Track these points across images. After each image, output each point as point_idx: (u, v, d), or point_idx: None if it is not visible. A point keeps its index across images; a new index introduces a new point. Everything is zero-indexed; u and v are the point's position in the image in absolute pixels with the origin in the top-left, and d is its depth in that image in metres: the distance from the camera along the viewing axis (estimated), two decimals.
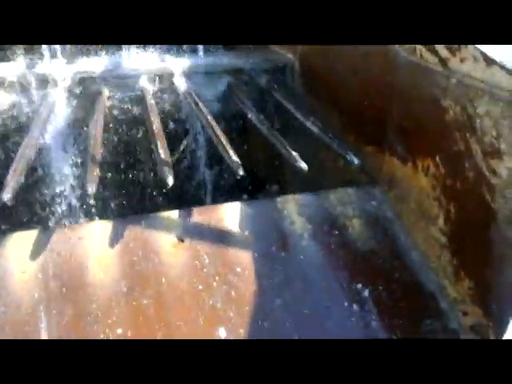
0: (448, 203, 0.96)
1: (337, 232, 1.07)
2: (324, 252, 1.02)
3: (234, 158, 1.02)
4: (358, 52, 1.23)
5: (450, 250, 0.97)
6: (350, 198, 1.14)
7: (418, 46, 1.00)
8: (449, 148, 0.94)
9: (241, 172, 0.97)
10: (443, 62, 0.94)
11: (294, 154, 1.06)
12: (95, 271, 0.93)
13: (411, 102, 1.04)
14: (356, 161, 1.09)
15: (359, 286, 0.97)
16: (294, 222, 1.07)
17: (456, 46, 0.92)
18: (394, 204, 1.10)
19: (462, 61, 0.90)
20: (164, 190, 1.05)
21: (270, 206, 1.09)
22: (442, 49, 0.95)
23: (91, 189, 0.90)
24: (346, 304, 0.95)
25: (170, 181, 0.95)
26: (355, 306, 0.95)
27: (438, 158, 0.98)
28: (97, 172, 0.96)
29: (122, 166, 1.57)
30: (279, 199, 1.11)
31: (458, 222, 0.94)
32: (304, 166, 1.01)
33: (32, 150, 1.02)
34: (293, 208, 1.09)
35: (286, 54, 1.67)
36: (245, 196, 1.63)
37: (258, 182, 1.68)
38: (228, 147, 1.07)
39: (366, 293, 0.96)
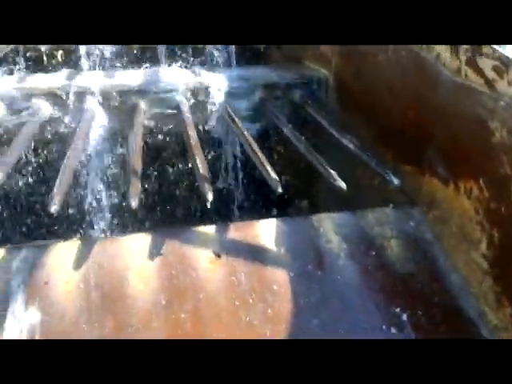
0: (491, 228, 0.94)
1: (374, 253, 1.05)
2: (361, 273, 1.01)
3: (273, 175, 1.02)
4: (397, 69, 1.23)
5: (492, 276, 0.95)
6: (387, 218, 1.12)
7: (463, 67, 0.99)
8: (494, 171, 0.92)
9: (280, 190, 0.97)
10: (490, 83, 0.93)
11: (332, 172, 1.05)
12: (135, 283, 0.94)
13: (454, 122, 1.03)
14: (396, 181, 1.08)
15: (397, 309, 0.95)
16: (331, 241, 1.06)
17: (503, 67, 0.91)
18: (433, 226, 1.08)
19: (510, 83, 0.89)
20: (202, 205, 1.06)
21: (305, 223, 1.09)
22: (488, 70, 0.94)
23: (134, 203, 0.91)
24: (383, 327, 0.93)
25: (210, 196, 0.96)
26: (393, 330, 0.93)
27: (481, 181, 0.96)
28: (138, 186, 0.98)
29: (160, 180, 1.60)
30: (315, 217, 1.10)
31: (502, 248, 0.92)
32: (343, 185, 1.01)
33: (76, 161, 1.05)
34: (329, 226, 1.09)
35: (320, 69, 1.68)
36: (277, 211, 1.63)
37: (292, 199, 1.68)
38: (266, 164, 1.07)
39: (405, 316, 0.94)
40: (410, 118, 1.18)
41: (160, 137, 1.48)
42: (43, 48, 1.54)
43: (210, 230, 1.06)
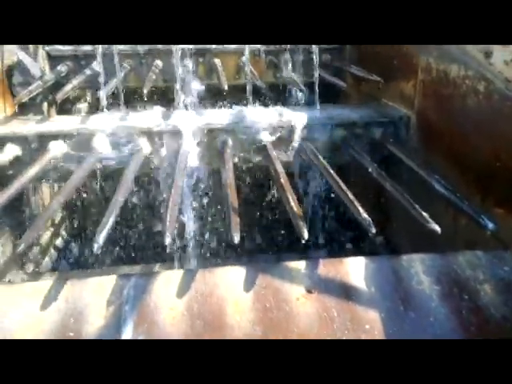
0: None
1: (467, 296, 1.04)
2: (455, 316, 1.00)
3: (365, 215, 1.05)
4: (487, 110, 1.23)
5: None
6: (479, 261, 1.11)
7: None
8: None
9: (373, 230, 1.00)
10: None
11: (425, 214, 1.07)
12: (232, 314, 1.00)
13: None
14: (490, 225, 1.07)
15: None
16: (422, 282, 1.06)
17: None
18: None
19: None
20: (291, 238, 1.11)
21: (396, 263, 1.10)
22: None
23: (236, 238, 0.98)
24: None
25: (306, 234, 1.01)
26: None
27: None
28: (238, 221, 1.05)
29: (252, 215, 1.68)
30: (405, 257, 1.11)
31: None
32: (436, 228, 1.02)
33: (179, 197, 1.15)
34: (420, 267, 1.09)
35: (401, 108, 1.71)
36: (357, 246, 1.64)
37: (381, 239, 1.69)
38: (356, 203, 1.11)
39: None
40: (503, 160, 1.17)
41: (248, 173, 1.57)
42: (145, 90, 1.69)
43: (300, 265, 1.11)
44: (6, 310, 0.99)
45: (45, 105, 1.94)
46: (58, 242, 1.88)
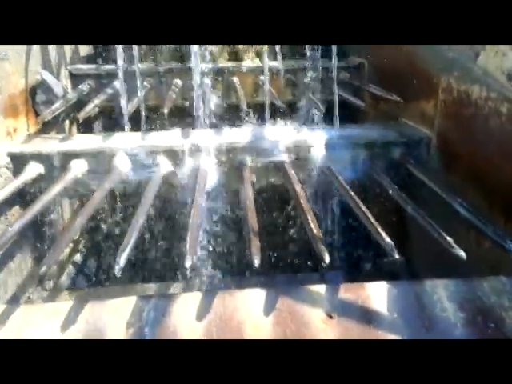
0: None
1: (492, 324, 1.01)
2: None
3: (387, 239, 1.04)
4: (508, 128, 1.21)
5: None
6: (504, 287, 1.08)
7: None
8: None
9: (396, 255, 0.98)
10: None
11: (449, 238, 1.05)
12: (252, 337, 0.99)
13: None
14: None
15: None
16: (446, 309, 1.04)
17: None
18: None
19: None
20: (312, 261, 1.10)
21: (419, 288, 1.08)
22: None
23: (257, 261, 0.97)
24: None
25: (327, 258, 1.00)
26: None
27: None
28: (258, 244, 1.05)
29: (271, 236, 1.68)
30: (428, 282, 1.09)
31: None
32: (462, 253, 1.00)
33: (200, 218, 1.15)
34: (443, 293, 1.07)
35: (420, 128, 1.69)
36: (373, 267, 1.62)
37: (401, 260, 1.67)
38: (378, 226, 1.10)
39: None
40: None
41: (267, 193, 1.57)
42: (166, 110, 1.72)
43: (320, 289, 1.09)
44: (27, 331, 0.99)
45: (67, 123, 1.99)
46: (77, 257, 1.90)
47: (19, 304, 1.33)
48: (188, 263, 0.93)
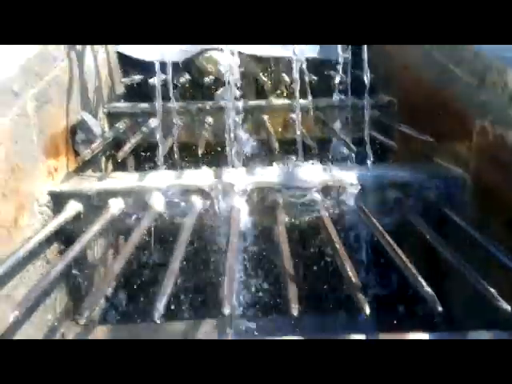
0: None
1: None
2: None
3: (427, 289, 1.02)
4: None
5: None
6: None
7: None
8: None
9: (440, 308, 0.96)
10: None
11: (493, 290, 1.02)
12: None
13: None
14: None
15: None
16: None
17: None
18: None
19: None
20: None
21: (467, 343, 1.05)
22: None
23: (295, 311, 0.97)
24: None
25: (367, 309, 0.98)
26: None
27: None
28: (296, 291, 1.04)
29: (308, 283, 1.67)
30: (472, 333, 1.06)
31: None
32: (507, 307, 0.97)
33: (235, 260, 1.16)
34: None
35: (454, 168, 1.68)
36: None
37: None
38: (417, 275, 1.08)
39: None
40: None
41: (300, 234, 1.57)
42: (200, 150, 1.76)
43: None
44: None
45: (103, 160, 2.05)
46: (110, 292, 1.92)
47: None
48: (226, 311, 0.93)
